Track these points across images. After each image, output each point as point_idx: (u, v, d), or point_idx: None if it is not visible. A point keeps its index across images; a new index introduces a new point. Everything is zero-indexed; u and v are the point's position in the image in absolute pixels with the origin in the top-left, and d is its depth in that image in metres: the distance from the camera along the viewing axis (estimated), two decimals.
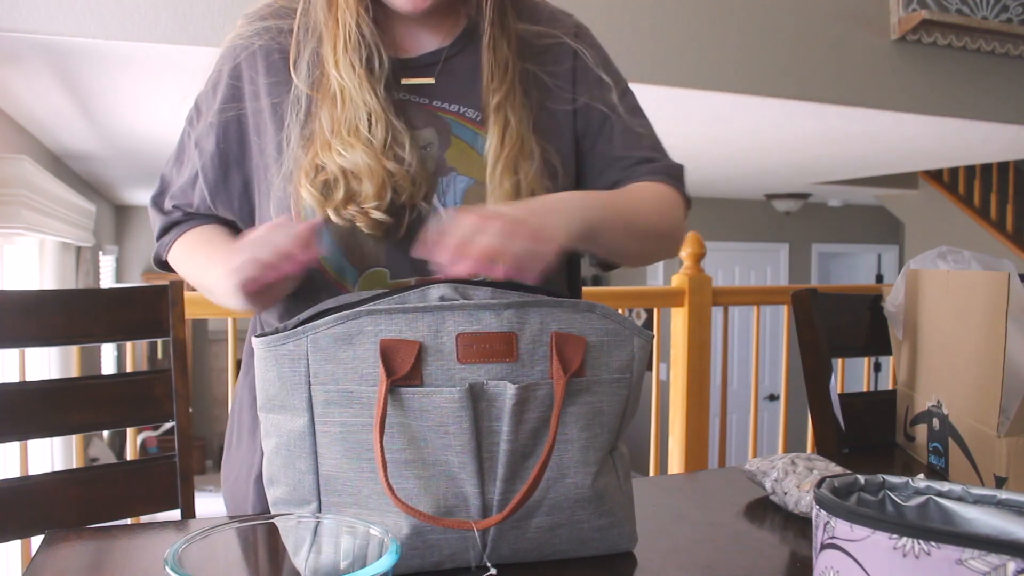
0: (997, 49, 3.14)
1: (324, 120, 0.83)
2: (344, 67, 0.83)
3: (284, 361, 0.69)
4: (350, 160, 0.81)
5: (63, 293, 1.02)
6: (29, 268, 3.40)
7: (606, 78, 0.95)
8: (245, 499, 0.92)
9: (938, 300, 1.07)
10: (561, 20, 0.97)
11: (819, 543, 0.53)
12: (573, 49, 0.95)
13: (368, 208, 0.81)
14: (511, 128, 0.87)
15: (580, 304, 0.72)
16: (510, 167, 0.85)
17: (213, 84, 0.91)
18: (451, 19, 0.91)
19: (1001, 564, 0.44)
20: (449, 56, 0.89)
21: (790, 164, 4.81)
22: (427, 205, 0.85)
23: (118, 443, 5.76)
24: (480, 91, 0.88)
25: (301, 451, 0.70)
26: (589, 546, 0.73)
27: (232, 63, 0.89)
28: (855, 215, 7.48)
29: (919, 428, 1.12)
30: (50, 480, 0.99)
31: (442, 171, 0.86)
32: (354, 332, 0.68)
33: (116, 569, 0.72)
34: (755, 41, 2.76)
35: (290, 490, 0.71)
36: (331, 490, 0.69)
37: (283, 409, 0.70)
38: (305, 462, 0.70)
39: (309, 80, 0.85)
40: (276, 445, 0.71)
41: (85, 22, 1.95)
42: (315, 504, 0.70)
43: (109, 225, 6.64)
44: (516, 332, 0.69)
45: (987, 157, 4.62)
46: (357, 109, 0.82)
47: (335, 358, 0.68)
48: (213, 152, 0.89)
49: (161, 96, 2.75)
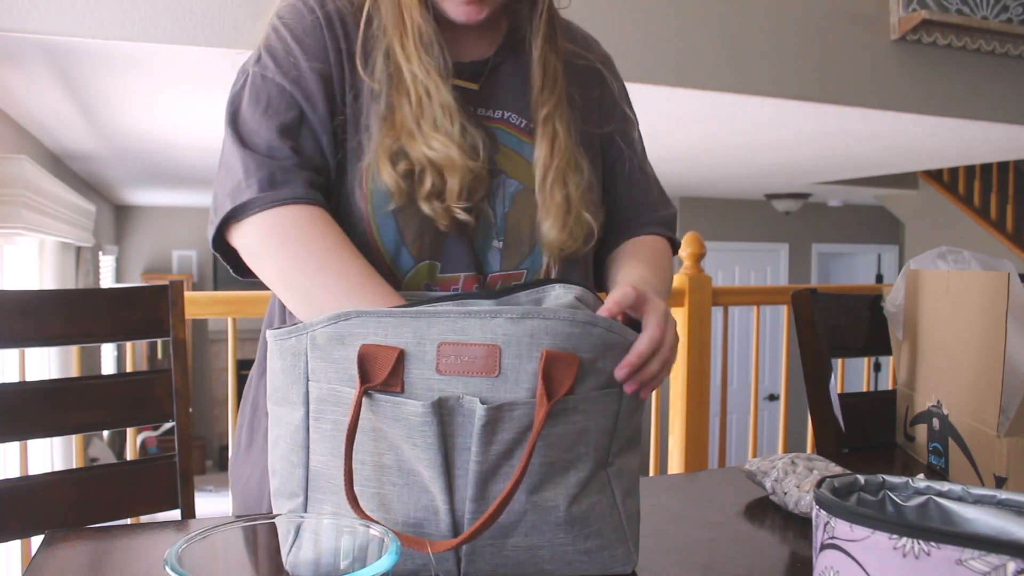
0: (997, 49, 3.14)
1: (406, 112, 0.81)
2: (418, 63, 0.82)
3: (287, 355, 0.70)
4: (441, 153, 0.80)
5: (63, 293, 1.02)
6: (29, 268, 3.40)
7: (629, 113, 0.99)
8: (259, 502, 0.90)
9: (938, 300, 1.07)
10: (592, 46, 0.99)
11: (819, 543, 0.53)
12: (601, 77, 0.97)
13: (454, 206, 0.81)
14: (559, 139, 0.87)
15: (578, 317, 0.67)
16: (560, 179, 0.86)
17: (302, 29, 0.84)
18: (494, 28, 0.92)
19: (1001, 564, 0.44)
20: (495, 65, 0.90)
21: (790, 164, 4.81)
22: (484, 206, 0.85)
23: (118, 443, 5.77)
24: (524, 100, 0.89)
25: (295, 445, 0.71)
26: (576, 567, 0.69)
27: (320, 18, 0.84)
28: (855, 215, 7.48)
29: (919, 428, 1.12)
30: (50, 480, 0.99)
31: (493, 174, 0.87)
32: (345, 333, 0.67)
33: (116, 569, 0.72)
34: (755, 41, 2.76)
35: (282, 482, 0.72)
36: (316, 486, 0.70)
37: (285, 402, 0.71)
38: (298, 456, 0.71)
39: (385, 74, 0.83)
40: (277, 436, 0.73)
41: (85, 22, 1.94)
42: (302, 498, 0.71)
43: (109, 225, 6.64)
44: (500, 345, 0.65)
45: (987, 157, 4.62)
46: (436, 104, 0.81)
47: (329, 357, 0.68)
48: (324, 99, 0.82)
49: (161, 96, 2.75)
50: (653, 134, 3.69)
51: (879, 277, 7.74)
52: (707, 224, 6.77)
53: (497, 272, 0.87)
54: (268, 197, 0.77)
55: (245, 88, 0.83)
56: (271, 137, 0.80)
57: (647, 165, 1.01)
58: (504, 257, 0.87)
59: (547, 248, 0.87)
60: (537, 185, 0.87)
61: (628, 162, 0.98)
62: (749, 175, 5.42)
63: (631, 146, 0.99)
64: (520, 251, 0.88)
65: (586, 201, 0.88)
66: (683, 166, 4.91)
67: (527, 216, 0.87)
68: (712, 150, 4.24)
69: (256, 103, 0.81)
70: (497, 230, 0.87)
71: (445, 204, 0.81)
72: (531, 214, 0.87)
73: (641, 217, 0.98)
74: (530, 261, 0.88)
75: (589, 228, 0.89)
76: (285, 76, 0.82)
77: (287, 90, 0.81)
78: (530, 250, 0.88)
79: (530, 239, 0.87)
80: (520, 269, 0.88)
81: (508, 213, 0.87)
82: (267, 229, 0.78)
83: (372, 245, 0.82)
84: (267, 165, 0.78)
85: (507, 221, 0.87)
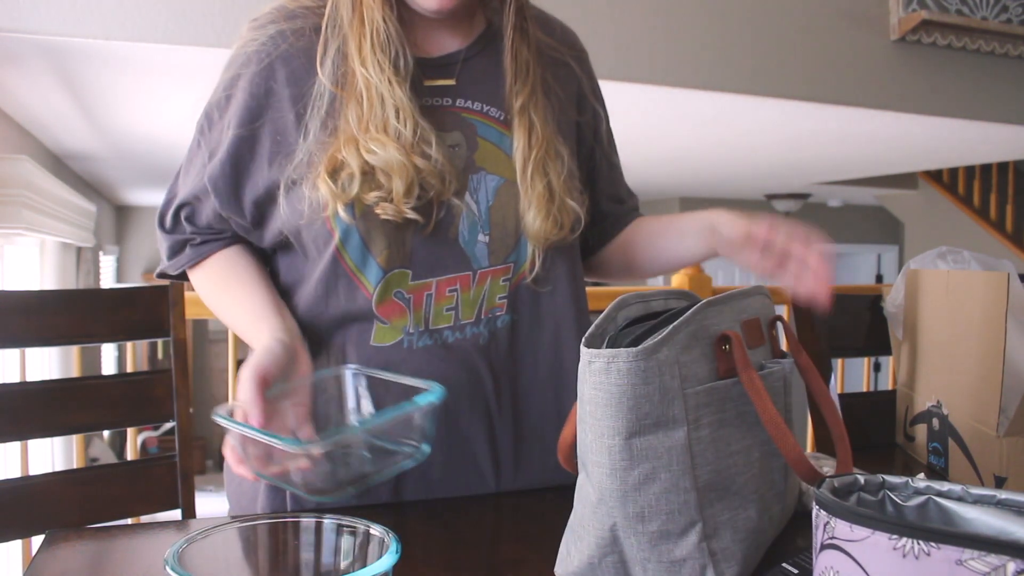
0: (997, 49, 3.14)
1: (351, 117, 0.83)
2: (371, 65, 0.82)
3: (660, 370, 0.61)
4: (380, 157, 0.81)
5: (64, 293, 1.02)
6: (29, 268, 3.40)
7: (599, 109, 1.02)
8: (252, 504, 0.90)
9: (938, 300, 1.07)
10: (570, 40, 1.01)
11: (819, 543, 0.53)
12: (577, 73, 0.99)
13: (403, 206, 0.81)
14: (536, 130, 0.89)
15: None
16: (540, 169, 0.88)
17: (226, 94, 0.88)
18: (469, 21, 0.92)
19: (1001, 564, 0.44)
20: (468, 57, 0.90)
21: (790, 164, 4.81)
22: (459, 202, 0.86)
23: (118, 443, 5.76)
24: (500, 92, 0.90)
25: (682, 469, 0.62)
26: None
27: (249, 72, 0.86)
28: (855, 215, 7.48)
29: (919, 428, 1.12)
30: (50, 480, 0.99)
31: (471, 170, 0.87)
32: (698, 327, 0.66)
33: (116, 569, 0.72)
34: (755, 41, 2.76)
35: (666, 521, 0.62)
36: (707, 502, 0.64)
37: (659, 426, 0.62)
38: (687, 480, 0.62)
39: (334, 77, 0.84)
40: (647, 474, 0.62)
41: (85, 22, 1.95)
42: (700, 523, 0.63)
43: (109, 225, 6.64)
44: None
45: (987, 157, 4.62)
46: (385, 106, 0.82)
47: (691, 353, 0.64)
48: (226, 163, 0.87)
49: (161, 96, 2.75)
50: (653, 134, 3.69)
51: (879, 277, 7.74)
52: None
53: (486, 268, 0.88)
54: (182, 260, 0.95)
55: (189, 146, 0.93)
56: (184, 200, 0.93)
57: (615, 156, 1.06)
58: (491, 252, 0.88)
59: (532, 239, 0.88)
60: (518, 176, 0.88)
61: (598, 156, 1.02)
62: (749, 175, 5.42)
63: (599, 141, 1.02)
64: (506, 244, 0.89)
65: (569, 188, 0.90)
66: (683, 166, 4.91)
67: (511, 208, 0.88)
68: (712, 150, 4.24)
69: (186, 169, 0.94)
70: (482, 224, 0.87)
71: (394, 205, 0.81)
72: (515, 206, 0.88)
73: (619, 209, 1.06)
74: (515, 254, 0.89)
75: (576, 215, 0.90)
76: (207, 152, 0.90)
77: (206, 159, 0.90)
78: (515, 243, 0.89)
79: (515, 231, 0.89)
80: (507, 263, 0.89)
81: (492, 207, 0.88)
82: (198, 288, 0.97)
83: (337, 257, 0.85)
84: (173, 241, 0.96)
85: (491, 215, 0.88)
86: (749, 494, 0.68)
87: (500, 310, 0.89)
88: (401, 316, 0.87)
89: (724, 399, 0.67)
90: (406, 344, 0.87)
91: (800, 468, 0.63)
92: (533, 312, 0.91)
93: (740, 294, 0.73)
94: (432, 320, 0.87)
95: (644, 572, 0.64)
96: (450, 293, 0.87)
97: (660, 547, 0.63)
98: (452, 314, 0.88)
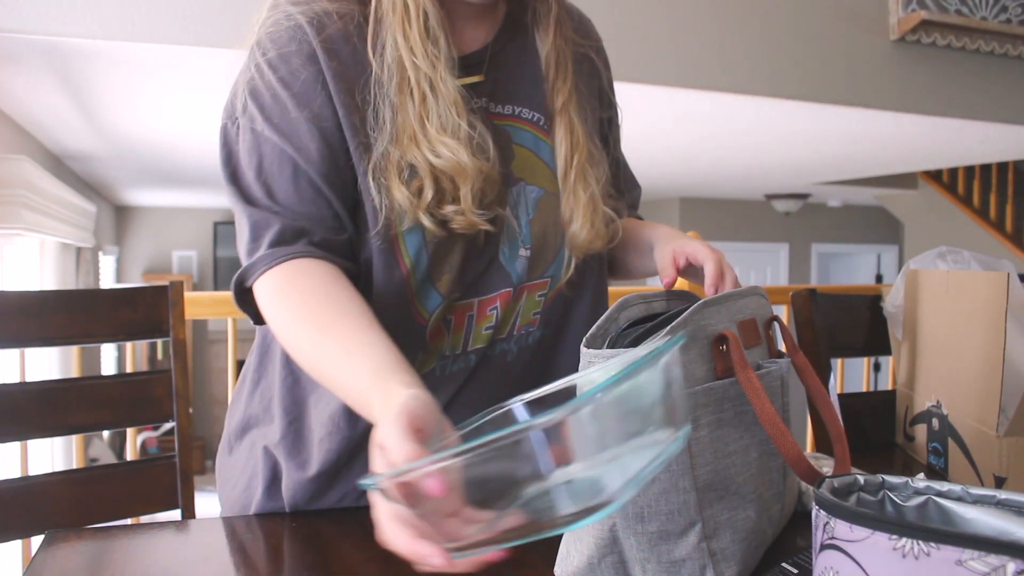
0: (997, 49, 3.14)
1: (410, 115, 0.75)
2: (423, 54, 0.75)
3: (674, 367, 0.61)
4: (449, 159, 0.74)
5: (64, 294, 1.02)
6: (29, 268, 3.40)
7: (616, 102, 0.97)
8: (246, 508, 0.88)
9: (938, 300, 1.07)
10: (590, 31, 0.95)
11: (819, 543, 0.53)
12: (598, 66, 0.94)
13: (474, 217, 0.75)
14: (576, 133, 0.83)
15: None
16: (582, 176, 0.83)
17: (288, 69, 0.75)
18: (492, 13, 0.85)
19: (1001, 565, 0.44)
20: (495, 52, 0.84)
21: (790, 164, 4.81)
22: (504, 212, 0.81)
23: (118, 443, 5.76)
24: (534, 91, 0.84)
25: (681, 469, 0.63)
26: None
27: (310, 47, 0.75)
28: (855, 215, 7.48)
29: (919, 428, 1.12)
30: (50, 480, 0.99)
31: (510, 182, 0.82)
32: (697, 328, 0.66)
33: (116, 569, 0.72)
34: (755, 41, 2.76)
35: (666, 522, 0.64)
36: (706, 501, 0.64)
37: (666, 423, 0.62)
38: (686, 480, 0.63)
39: (387, 74, 0.76)
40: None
41: (85, 22, 1.94)
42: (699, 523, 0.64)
43: (109, 225, 6.64)
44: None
45: (987, 157, 4.62)
46: (443, 103, 0.75)
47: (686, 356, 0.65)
48: (320, 146, 0.75)
49: (161, 96, 2.75)
50: (653, 134, 3.69)
51: (879, 277, 7.75)
52: (707, 224, 6.77)
53: (525, 283, 0.84)
54: (272, 255, 0.73)
55: (239, 144, 0.78)
56: (272, 197, 0.76)
57: (619, 152, 1.00)
58: (531, 266, 0.84)
59: (575, 250, 0.84)
60: (560, 184, 0.83)
61: (609, 151, 0.96)
62: (749, 175, 5.42)
63: (613, 133, 0.97)
64: (546, 259, 0.85)
65: (605, 195, 0.85)
66: (683, 166, 4.91)
67: (551, 220, 0.84)
68: (712, 150, 4.24)
69: (250, 162, 0.77)
70: (523, 238, 0.83)
71: (466, 217, 0.75)
72: (555, 218, 0.84)
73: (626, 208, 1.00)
74: (553, 268, 0.86)
75: (614, 224, 0.86)
76: (275, 130, 0.75)
77: (277, 145, 0.75)
78: (554, 256, 0.85)
79: (556, 245, 0.85)
80: (544, 277, 0.85)
81: (533, 220, 0.83)
82: (273, 289, 0.73)
83: (404, 282, 0.77)
84: (271, 222, 0.74)
85: (532, 228, 0.83)
86: (748, 494, 0.68)
87: (533, 326, 0.86)
88: (438, 339, 0.81)
89: (722, 399, 0.67)
90: (438, 372, 0.82)
91: (799, 468, 0.63)
92: (561, 322, 0.88)
93: (736, 294, 0.73)
94: (472, 342, 0.82)
95: (644, 572, 0.64)
96: (490, 312, 0.83)
97: (659, 547, 0.63)
98: (490, 333, 0.83)
